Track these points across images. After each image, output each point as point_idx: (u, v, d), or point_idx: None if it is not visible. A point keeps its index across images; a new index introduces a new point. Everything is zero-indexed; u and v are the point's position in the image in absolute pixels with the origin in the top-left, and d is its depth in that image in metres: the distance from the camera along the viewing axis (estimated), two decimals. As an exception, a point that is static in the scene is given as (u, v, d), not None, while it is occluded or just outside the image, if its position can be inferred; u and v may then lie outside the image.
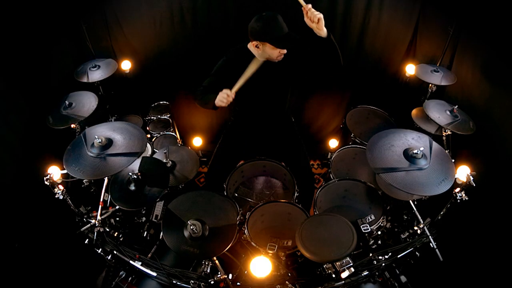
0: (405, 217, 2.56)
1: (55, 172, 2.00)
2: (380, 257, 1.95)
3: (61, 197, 2.02)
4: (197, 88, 2.41)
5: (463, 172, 1.98)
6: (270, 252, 2.11)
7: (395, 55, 3.32)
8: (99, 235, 2.07)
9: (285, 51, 2.18)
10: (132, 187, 2.21)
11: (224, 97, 2.16)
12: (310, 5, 1.93)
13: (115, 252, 2.03)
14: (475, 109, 2.68)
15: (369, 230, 2.21)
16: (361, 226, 2.20)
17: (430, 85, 2.94)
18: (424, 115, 2.64)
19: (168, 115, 3.52)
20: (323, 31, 2.00)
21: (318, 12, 1.93)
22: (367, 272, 1.89)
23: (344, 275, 1.77)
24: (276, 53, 2.17)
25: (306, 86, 3.50)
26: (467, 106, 2.68)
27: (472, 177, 1.94)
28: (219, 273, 1.86)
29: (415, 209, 2.22)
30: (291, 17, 2.18)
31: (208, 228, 1.81)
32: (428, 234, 2.05)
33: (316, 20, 1.93)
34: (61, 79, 3.01)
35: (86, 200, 2.25)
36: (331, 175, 2.75)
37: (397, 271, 2.08)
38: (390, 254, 1.98)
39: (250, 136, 2.70)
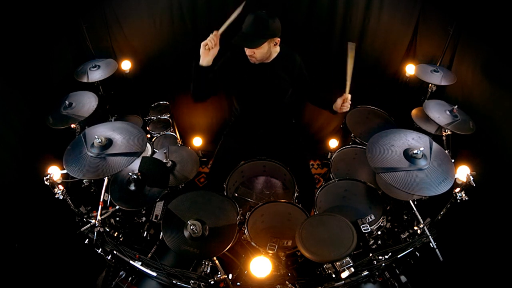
0: (405, 217, 2.56)
1: (55, 172, 2.00)
2: (380, 257, 1.95)
3: (61, 197, 2.02)
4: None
5: (463, 172, 1.98)
6: (270, 252, 2.11)
7: (395, 55, 3.32)
8: (99, 235, 2.06)
9: (248, 51, 2.21)
10: (132, 187, 2.21)
11: (211, 38, 2.14)
12: (349, 96, 2.29)
13: (115, 252, 2.03)
14: (475, 109, 2.68)
15: (369, 230, 2.21)
16: (361, 226, 2.20)
17: (430, 85, 2.94)
18: (424, 115, 2.64)
19: (168, 115, 3.52)
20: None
21: (349, 104, 2.33)
22: (367, 272, 1.89)
23: (344, 275, 1.77)
24: (247, 50, 2.20)
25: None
26: (467, 106, 2.68)
27: (472, 177, 1.94)
28: (219, 273, 1.86)
29: (415, 209, 2.22)
30: (289, 19, 2.18)
31: (208, 228, 1.81)
32: (428, 234, 2.05)
33: (343, 109, 2.35)
34: (61, 79, 3.01)
35: (86, 200, 2.25)
36: (331, 175, 2.75)
37: (397, 271, 2.08)
38: (390, 254, 1.98)
39: (250, 136, 2.70)
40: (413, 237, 2.18)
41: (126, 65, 3.22)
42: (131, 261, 1.97)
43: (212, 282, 1.84)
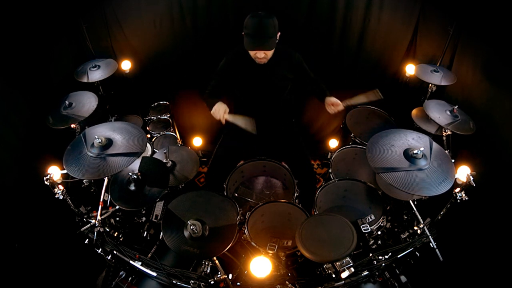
0: (405, 217, 2.56)
1: (55, 172, 2.00)
2: (380, 257, 1.95)
3: (61, 197, 2.02)
4: (206, 88, 2.50)
5: (463, 172, 1.98)
6: (270, 252, 2.11)
7: (395, 55, 3.32)
8: (99, 235, 2.06)
9: (261, 54, 2.17)
10: (132, 187, 2.21)
11: (219, 113, 2.33)
12: (341, 107, 2.42)
13: (115, 252, 2.03)
14: (475, 109, 2.68)
15: (369, 230, 2.22)
16: (361, 226, 2.21)
17: (430, 85, 2.94)
18: (424, 115, 2.64)
19: (168, 115, 3.52)
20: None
21: (336, 110, 2.43)
22: (367, 272, 1.89)
23: (344, 275, 1.77)
24: (252, 52, 2.18)
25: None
26: (467, 106, 2.68)
27: (472, 177, 1.94)
28: (219, 273, 1.86)
29: (415, 209, 2.22)
30: (290, 19, 2.18)
31: (208, 228, 1.81)
32: (428, 234, 2.05)
33: (329, 109, 2.45)
34: (61, 79, 3.01)
35: (86, 200, 2.25)
36: (331, 175, 2.75)
37: (397, 271, 2.08)
38: (390, 254, 1.98)
39: (250, 136, 2.70)
40: (413, 237, 2.18)
41: (126, 65, 3.22)
42: (131, 261, 1.97)
43: (212, 282, 1.84)
